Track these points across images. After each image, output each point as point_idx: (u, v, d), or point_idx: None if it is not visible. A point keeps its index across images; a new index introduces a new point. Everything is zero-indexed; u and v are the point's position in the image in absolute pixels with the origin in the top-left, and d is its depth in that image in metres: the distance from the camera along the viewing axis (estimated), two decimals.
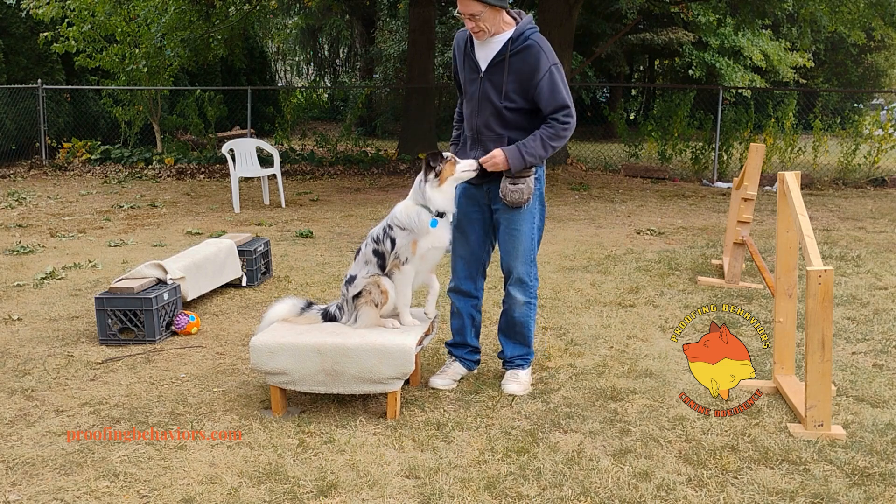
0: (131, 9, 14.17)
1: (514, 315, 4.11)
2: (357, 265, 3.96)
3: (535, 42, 3.70)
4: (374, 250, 3.90)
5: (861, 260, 7.05)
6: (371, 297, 3.86)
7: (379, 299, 3.86)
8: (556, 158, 14.08)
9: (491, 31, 3.71)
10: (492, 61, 3.76)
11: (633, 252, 7.49)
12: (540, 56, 3.68)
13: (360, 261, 3.94)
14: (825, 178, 13.09)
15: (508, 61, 3.71)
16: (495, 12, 3.66)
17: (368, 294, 3.86)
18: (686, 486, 3.10)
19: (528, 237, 3.96)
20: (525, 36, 3.71)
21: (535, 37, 3.72)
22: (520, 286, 4.05)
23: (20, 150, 14.72)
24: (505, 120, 3.80)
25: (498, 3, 3.63)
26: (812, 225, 4.62)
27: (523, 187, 3.80)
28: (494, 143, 3.82)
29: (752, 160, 5.97)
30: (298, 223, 9.09)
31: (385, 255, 3.87)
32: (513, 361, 4.17)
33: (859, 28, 14.43)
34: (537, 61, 3.68)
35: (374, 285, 3.86)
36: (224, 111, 17.51)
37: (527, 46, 3.69)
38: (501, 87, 3.74)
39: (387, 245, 3.86)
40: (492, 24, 3.68)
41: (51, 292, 6.02)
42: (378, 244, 3.89)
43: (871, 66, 27.42)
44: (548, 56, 3.70)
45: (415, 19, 15.97)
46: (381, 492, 3.06)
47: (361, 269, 3.92)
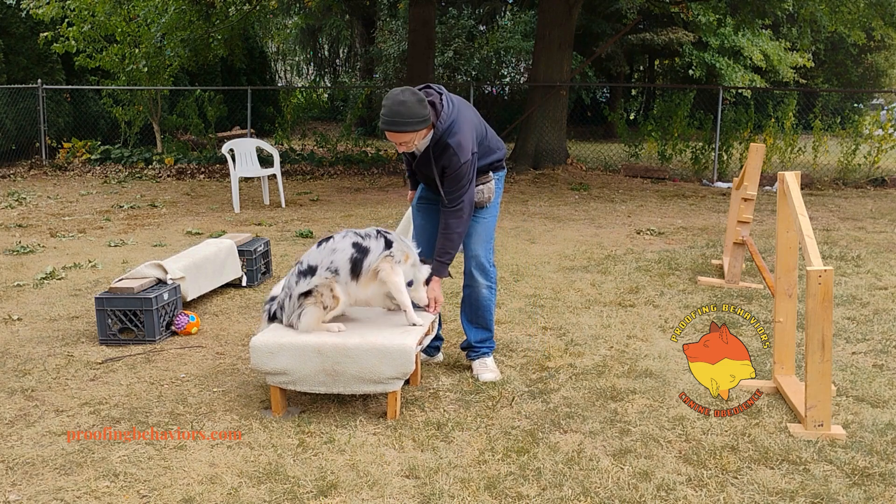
0: (131, 9, 14.17)
1: (478, 299, 4.28)
2: (318, 254, 3.83)
3: (450, 145, 3.84)
4: (353, 243, 3.81)
5: (861, 260, 7.05)
6: (321, 299, 3.77)
7: (329, 303, 3.77)
8: (556, 158, 14.09)
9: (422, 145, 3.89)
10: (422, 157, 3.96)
11: (633, 252, 7.49)
12: (452, 158, 3.85)
13: (325, 250, 3.81)
14: (825, 178, 13.09)
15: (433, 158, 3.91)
16: (425, 130, 3.80)
17: (320, 295, 3.77)
18: (686, 486, 3.10)
19: (489, 224, 4.25)
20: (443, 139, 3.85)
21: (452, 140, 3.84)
22: (481, 270, 4.25)
23: (20, 150, 14.72)
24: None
25: (424, 125, 3.75)
26: (812, 225, 4.62)
27: (484, 188, 4.12)
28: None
29: (752, 160, 5.97)
30: (298, 223, 9.10)
31: (369, 249, 3.81)
32: (478, 349, 4.32)
33: (859, 28, 14.43)
34: (449, 160, 3.86)
35: (328, 288, 3.77)
36: (224, 111, 17.51)
37: (444, 147, 3.86)
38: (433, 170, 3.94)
39: (379, 242, 3.83)
40: (423, 140, 3.85)
41: (51, 292, 6.03)
42: (364, 239, 3.82)
43: (871, 66, 27.42)
44: (460, 156, 3.84)
45: (415, 19, 15.97)
46: (381, 492, 3.06)
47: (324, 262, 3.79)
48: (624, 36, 21.50)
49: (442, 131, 3.84)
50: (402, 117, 3.68)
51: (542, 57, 14.07)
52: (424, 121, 3.74)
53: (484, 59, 23.21)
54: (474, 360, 4.33)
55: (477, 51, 23.16)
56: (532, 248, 7.67)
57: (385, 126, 3.73)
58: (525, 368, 4.39)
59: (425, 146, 3.92)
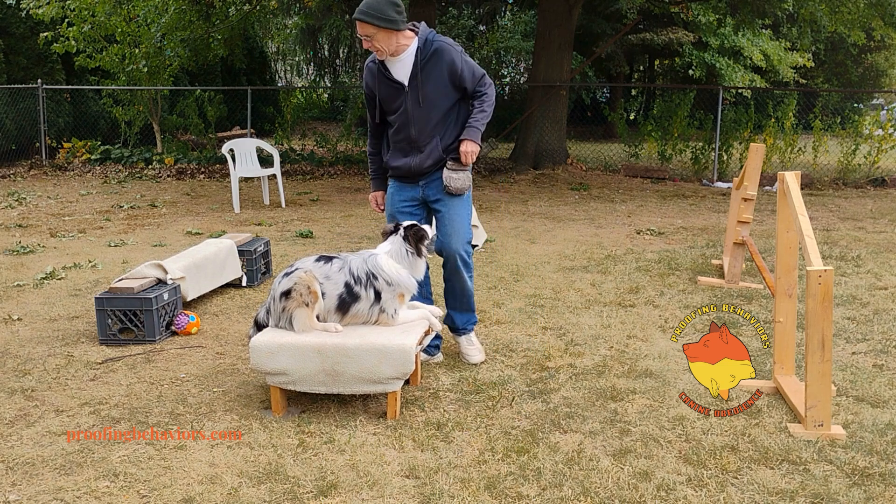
0: (131, 9, 14.17)
1: (463, 289, 4.44)
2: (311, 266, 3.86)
3: (440, 45, 4.12)
4: (346, 282, 3.83)
5: (861, 260, 7.05)
6: (301, 298, 3.78)
7: (309, 299, 3.78)
8: (556, 158, 14.09)
9: (389, 51, 4.06)
10: (411, 75, 4.13)
11: (633, 252, 7.49)
12: (450, 52, 4.12)
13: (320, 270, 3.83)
14: (825, 178, 13.09)
15: (422, 72, 4.11)
16: (388, 33, 3.99)
17: (299, 296, 3.78)
18: (686, 486, 3.10)
19: (466, 221, 4.38)
20: (429, 42, 4.12)
21: (438, 41, 4.13)
22: (465, 264, 4.39)
23: (20, 150, 14.72)
24: (435, 122, 4.20)
25: (387, 25, 3.95)
26: (812, 225, 4.62)
27: (464, 176, 4.26)
28: (429, 144, 4.23)
29: (752, 160, 5.97)
30: (298, 223, 9.09)
31: (360, 297, 3.84)
32: (465, 328, 4.52)
33: (859, 28, 14.42)
34: (451, 57, 4.12)
35: (305, 286, 3.78)
36: (224, 111, 17.50)
37: (435, 51, 4.11)
38: (425, 94, 4.13)
39: (369, 294, 3.84)
40: (386, 44, 4.02)
41: (51, 292, 6.02)
42: (356, 284, 3.83)
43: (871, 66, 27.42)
44: (456, 51, 4.15)
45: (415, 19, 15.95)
46: (381, 492, 3.06)
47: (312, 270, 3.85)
48: (624, 36, 21.49)
49: (425, 37, 4.10)
50: (369, 8, 3.93)
51: (542, 57, 14.06)
52: (390, 22, 3.94)
53: (484, 59, 23.22)
54: (461, 337, 4.53)
55: (477, 51, 23.17)
56: (532, 248, 7.67)
57: (355, 16, 3.97)
58: (525, 368, 4.39)
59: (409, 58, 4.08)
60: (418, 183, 4.34)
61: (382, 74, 4.18)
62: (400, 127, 4.23)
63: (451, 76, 4.12)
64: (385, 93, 4.20)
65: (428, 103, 4.14)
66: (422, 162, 4.24)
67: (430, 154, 4.23)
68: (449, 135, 4.24)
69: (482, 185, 12.61)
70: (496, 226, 8.88)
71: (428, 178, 4.31)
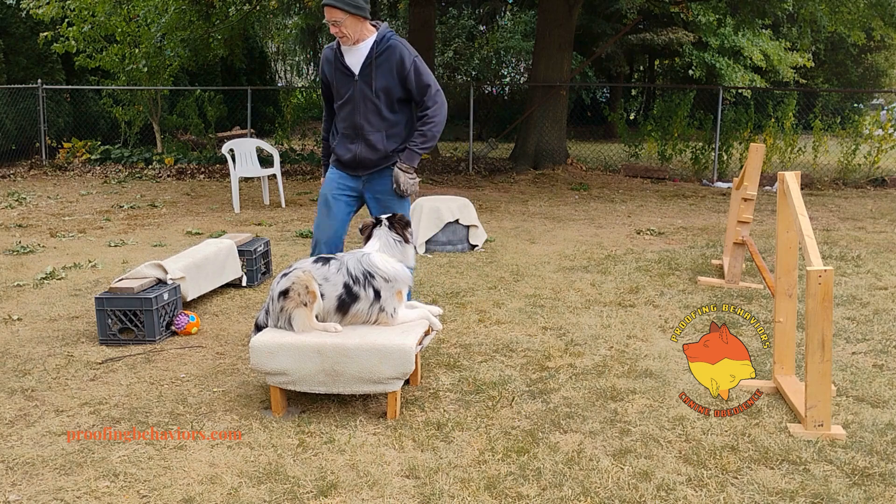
0: (131, 9, 14.17)
1: None
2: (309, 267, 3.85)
3: (395, 43, 4.22)
4: (345, 283, 3.81)
5: (861, 260, 7.05)
6: (299, 298, 3.78)
7: (307, 299, 3.78)
8: (556, 158, 14.09)
9: (354, 38, 4.18)
10: (363, 64, 4.23)
11: (633, 252, 7.49)
12: (403, 51, 4.20)
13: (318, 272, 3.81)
14: (825, 178, 13.09)
15: (375, 62, 4.21)
16: (356, 20, 4.13)
17: (297, 295, 3.78)
18: (686, 486, 3.10)
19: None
20: (386, 38, 4.22)
21: (394, 39, 4.23)
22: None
23: (20, 150, 14.72)
24: (381, 114, 4.28)
25: (356, 11, 4.09)
26: (812, 225, 4.62)
27: (415, 180, 4.36)
28: (373, 136, 4.30)
29: (752, 160, 5.97)
30: (298, 223, 9.09)
31: (359, 297, 3.83)
32: None
33: (859, 28, 14.43)
34: (402, 55, 4.20)
35: (303, 286, 3.78)
36: (224, 111, 17.50)
37: (389, 47, 4.21)
38: (373, 86, 4.22)
39: (368, 293, 3.83)
40: (353, 30, 4.15)
41: (51, 292, 6.03)
42: (355, 284, 3.82)
43: (871, 66, 27.43)
44: (409, 50, 4.23)
45: (415, 19, 15.97)
46: (381, 492, 3.06)
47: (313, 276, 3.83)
48: (624, 36, 21.49)
49: (385, 32, 4.20)
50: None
51: (542, 57, 14.07)
52: (359, 8, 4.08)
53: (484, 59, 23.23)
54: None
55: (477, 51, 23.18)
56: (532, 248, 7.67)
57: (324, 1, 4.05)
58: (525, 368, 4.39)
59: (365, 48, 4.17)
60: (360, 176, 4.41)
61: (338, 60, 4.29)
62: (346, 115, 4.32)
63: (399, 73, 4.19)
64: (337, 79, 4.32)
65: (375, 94, 4.21)
66: (366, 152, 4.30)
67: (375, 147, 4.29)
68: (396, 135, 4.31)
69: (482, 185, 12.61)
70: (496, 226, 8.88)
71: (371, 174, 4.38)
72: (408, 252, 4.02)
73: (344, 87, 4.30)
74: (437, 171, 14.23)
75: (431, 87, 4.24)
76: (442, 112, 4.28)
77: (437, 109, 4.25)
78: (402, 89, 4.24)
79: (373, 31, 4.24)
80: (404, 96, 4.28)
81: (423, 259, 7.15)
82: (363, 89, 4.23)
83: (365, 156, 4.33)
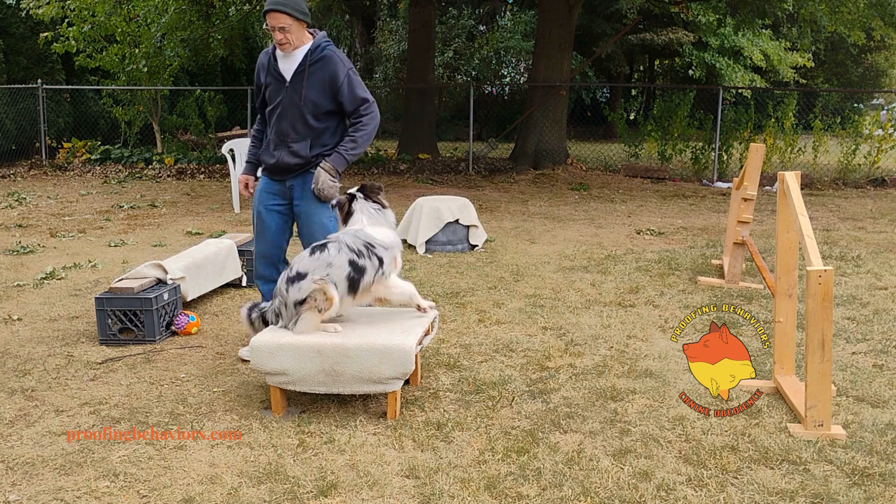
0: (131, 9, 14.17)
1: None
2: (310, 262, 3.82)
3: (330, 53, 4.21)
4: (350, 260, 3.80)
5: (861, 260, 7.05)
6: (315, 304, 3.78)
7: (323, 306, 3.79)
8: (556, 158, 14.09)
9: (295, 44, 4.17)
10: (295, 71, 4.21)
11: (633, 252, 7.49)
12: (337, 64, 4.19)
13: (320, 261, 3.80)
14: (825, 178, 13.09)
15: (308, 70, 4.19)
16: (301, 26, 4.16)
17: (313, 301, 3.78)
18: (686, 486, 3.10)
19: (327, 228, 4.33)
20: (321, 48, 4.20)
21: (330, 48, 4.23)
22: None
23: (20, 150, 14.73)
24: (307, 122, 4.24)
25: (303, 17, 4.13)
26: (812, 225, 4.62)
27: (335, 185, 4.26)
28: (297, 144, 4.26)
29: (752, 160, 5.97)
30: None
31: (366, 268, 3.84)
32: None
33: (859, 28, 14.43)
34: (335, 68, 4.18)
35: (321, 292, 3.77)
36: (224, 111, 17.49)
37: (323, 57, 4.19)
38: (303, 93, 4.19)
39: (373, 262, 3.85)
40: (297, 36, 4.16)
41: (51, 292, 6.03)
42: (359, 258, 3.82)
43: (871, 66, 27.44)
44: (343, 63, 4.22)
45: (415, 19, 15.98)
46: (381, 492, 3.06)
47: (317, 271, 3.79)
48: (624, 36, 21.50)
49: (320, 42, 4.18)
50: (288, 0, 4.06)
51: (542, 57, 14.07)
52: (305, 14, 4.11)
53: (484, 59, 23.22)
54: None
55: (477, 51, 23.17)
56: (532, 248, 7.68)
57: (271, 6, 4.03)
58: (525, 368, 4.39)
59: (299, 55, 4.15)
60: (285, 181, 4.35)
61: (273, 65, 4.26)
62: (275, 120, 4.29)
63: (331, 86, 4.17)
64: (270, 85, 4.29)
65: (304, 103, 4.18)
66: (287, 157, 4.25)
67: (297, 154, 4.25)
68: (321, 144, 4.26)
69: (482, 185, 12.62)
70: (496, 226, 8.88)
71: (294, 178, 4.33)
72: (389, 216, 4.07)
73: (275, 93, 4.26)
74: (437, 171, 14.23)
75: (368, 100, 4.23)
76: (375, 122, 4.27)
77: (371, 119, 4.25)
78: (331, 101, 4.21)
79: (310, 38, 4.25)
80: (333, 108, 4.24)
81: (423, 259, 7.15)
82: (292, 96, 4.21)
83: (287, 161, 4.27)
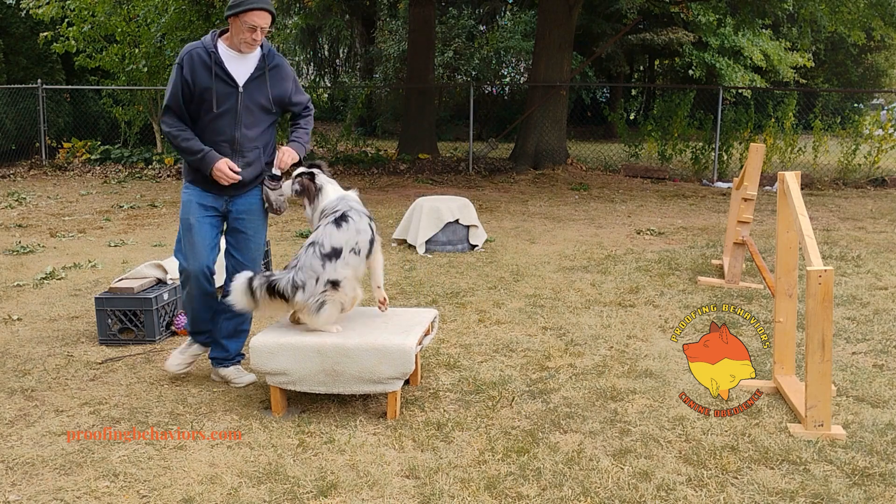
0: (131, 9, 14.18)
1: (245, 317, 4.19)
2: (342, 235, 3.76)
3: (282, 59, 4.19)
4: (369, 224, 3.86)
5: (861, 260, 7.05)
6: (345, 296, 3.77)
7: (348, 305, 3.81)
8: (556, 158, 14.09)
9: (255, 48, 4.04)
10: (251, 76, 4.02)
11: (633, 252, 7.49)
12: (290, 72, 4.21)
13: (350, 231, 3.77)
14: (825, 178, 13.09)
15: (268, 75, 4.06)
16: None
17: (345, 294, 3.76)
18: (686, 486, 3.10)
19: (262, 244, 4.28)
20: (272, 52, 4.13)
21: (278, 56, 4.18)
22: None
23: (20, 150, 14.73)
24: (261, 129, 4.10)
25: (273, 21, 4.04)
26: (812, 225, 4.62)
27: (283, 192, 4.12)
28: (252, 152, 4.08)
29: (752, 160, 5.98)
30: (298, 223, 9.09)
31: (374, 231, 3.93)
32: (240, 356, 4.29)
33: (859, 28, 14.43)
34: (289, 72, 4.19)
35: (352, 285, 3.79)
36: None
37: (278, 64, 4.12)
38: (268, 97, 4.06)
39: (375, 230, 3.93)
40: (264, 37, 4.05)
41: (51, 292, 6.02)
42: (371, 220, 3.91)
43: (871, 66, 27.43)
44: (290, 69, 4.26)
45: (415, 19, 15.97)
46: (381, 492, 3.06)
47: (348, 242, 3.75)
48: (624, 36, 21.50)
49: (268, 46, 4.11)
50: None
51: (542, 57, 14.07)
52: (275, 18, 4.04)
53: (484, 59, 23.20)
54: (231, 368, 4.21)
55: (477, 51, 23.15)
56: (532, 248, 7.67)
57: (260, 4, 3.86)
58: (525, 368, 4.39)
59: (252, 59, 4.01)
60: (223, 196, 4.07)
61: (219, 67, 3.92)
62: (223, 128, 3.97)
63: (284, 93, 4.11)
64: (217, 88, 3.93)
65: (259, 110, 4.03)
66: (243, 170, 4.00)
67: (253, 164, 4.06)
68: (268, 152, 4.16)
69: (482, 185, 12.62)
70: (496, 226, 8.88)
71: (236, 193, 4.08)
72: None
73: (224, 98, 3.95)
74: (437, 171, 14.23)
75: (309, 100, 4.30)
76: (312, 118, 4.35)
77: (312, 112, 4.33)
78: (279, 107, 4.13)
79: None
80: (279, 113, 4.19)
81: (423, 259, 7.16)
82: (247, 102, 3.97)
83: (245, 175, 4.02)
